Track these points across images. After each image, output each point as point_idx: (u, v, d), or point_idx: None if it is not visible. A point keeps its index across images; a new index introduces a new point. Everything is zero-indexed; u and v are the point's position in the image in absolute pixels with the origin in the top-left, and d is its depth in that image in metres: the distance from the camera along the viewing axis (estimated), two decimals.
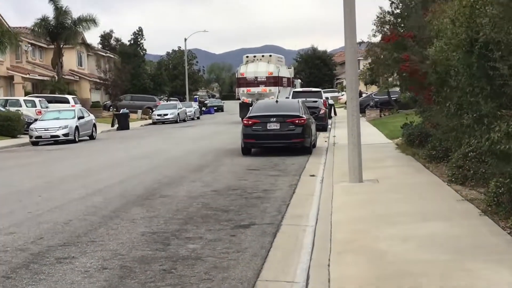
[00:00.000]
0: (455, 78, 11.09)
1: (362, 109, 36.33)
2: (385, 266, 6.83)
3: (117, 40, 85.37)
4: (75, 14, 56.60)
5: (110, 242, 8.81)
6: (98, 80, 64.93)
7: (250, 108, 23.86)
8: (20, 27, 59.06)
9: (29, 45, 58.62)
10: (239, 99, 46.42)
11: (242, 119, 24.31)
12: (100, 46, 78.20)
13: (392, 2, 18.21)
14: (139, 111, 59.73)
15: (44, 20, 54.91)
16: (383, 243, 7.80)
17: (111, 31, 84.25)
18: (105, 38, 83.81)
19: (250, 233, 9.14)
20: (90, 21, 56.73)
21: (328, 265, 6.94)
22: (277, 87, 44.81)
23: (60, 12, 55.25)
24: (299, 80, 63.96)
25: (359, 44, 22.39)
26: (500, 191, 8.71)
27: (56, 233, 9.54)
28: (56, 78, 55.09)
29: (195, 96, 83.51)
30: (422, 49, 14.42)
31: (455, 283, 6.12)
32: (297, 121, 20.52)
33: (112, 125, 45.25)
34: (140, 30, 79.19)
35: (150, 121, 53.77)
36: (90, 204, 12.01)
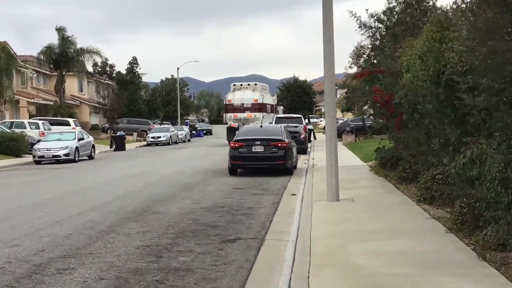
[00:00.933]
0: (424, 106, 11.20)
1: (339, 134, 36.48)
2: (359, 278, 6.83)
3: (111, 66, 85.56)
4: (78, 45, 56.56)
5: (107, 254, 8.75)
6: (97, 105, 64.90)
7: (237, 132, 23.87)
8: (26, 56, 58.91)
9: (34, 71, 58.40)
10: (226, 123, 46.40)
11: (229, 142, 24.29)
12: (95, 72, 77.97)
13: (369, 35, 18.30)
14: (135, 134, 59.53)
15: (49, 48, 54.72)
16: (358, 257, 7.80)
17: (106, 59, 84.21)
18: (102, 66, 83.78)
19: (236, 247, 9.12)
20: (94, 53, 56.58)
21: (308, 277, 6.93)
22: (262, 113, 44.89)
23: (66, 42, 55.03)
24: (282, 107, 64.03)
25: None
26: (464, 210, 8.79)
27: (57, 245, 9.47)
28: (59, 102, 54.79)
29: (186, 121, 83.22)
30: (393, 79, 14.51)
31: None
32: (279, 145, 20.59)
33: (111, 146, 44.98)
34: (135, 59, 79.00)
35: (144, 143, 53.60)
36: (88, 219, 11.92)
